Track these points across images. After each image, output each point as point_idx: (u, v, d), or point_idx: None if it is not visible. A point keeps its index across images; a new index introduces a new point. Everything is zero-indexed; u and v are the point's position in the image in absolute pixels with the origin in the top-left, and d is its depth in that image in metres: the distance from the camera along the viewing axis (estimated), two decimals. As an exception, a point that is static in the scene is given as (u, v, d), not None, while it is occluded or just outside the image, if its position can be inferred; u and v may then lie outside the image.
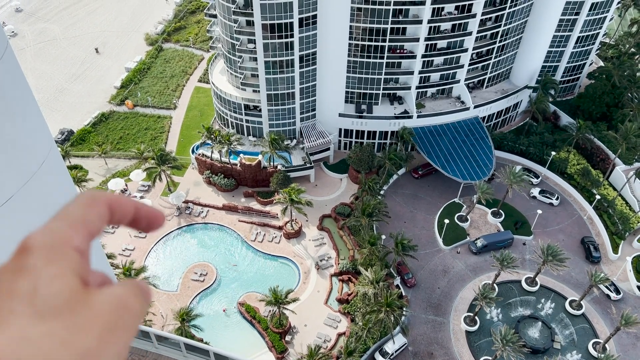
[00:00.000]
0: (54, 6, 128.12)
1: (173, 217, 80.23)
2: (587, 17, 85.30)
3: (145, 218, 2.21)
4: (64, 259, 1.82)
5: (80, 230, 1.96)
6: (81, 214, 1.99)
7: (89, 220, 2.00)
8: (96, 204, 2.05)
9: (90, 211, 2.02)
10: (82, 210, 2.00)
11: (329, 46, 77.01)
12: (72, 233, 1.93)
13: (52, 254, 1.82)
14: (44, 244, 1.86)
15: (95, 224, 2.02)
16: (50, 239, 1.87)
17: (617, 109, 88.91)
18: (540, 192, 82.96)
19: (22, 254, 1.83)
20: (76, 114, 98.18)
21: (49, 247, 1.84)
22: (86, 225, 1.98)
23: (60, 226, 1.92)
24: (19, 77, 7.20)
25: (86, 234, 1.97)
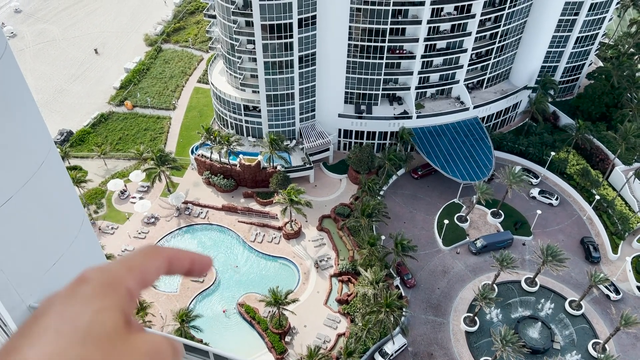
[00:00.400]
0: (53, 7, 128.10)
1: (172, 217, 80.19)
2: (586, 17, 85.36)
3: (199, 267, 2.38)
4: (114, 296, 1.97)
5: (136, 275, 2.11)
6: (140, 262, 2.16)
7: (147, 270, 2.15)
8: (157, 257, 2.21)
9: (150, 262, 2.18)
10: (142, 259, 2.17)
11: (328, 47, 77.01)
12: (128, 275, 2.08)
13: (105, 288, 1.98)
14: (100, 278, 2.01)
15: (151, 274, 2.17)
16: (107, 275, 2.03)
17: (617, 109, 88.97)
18: (539, 193, 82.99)
19: (78, 283, 1.98)
20: (75, 114, 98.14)
21: (104, 282, 1.99)
22: (142, 273, 2.14)
23: (119, 267, 2.09)
24: (18, 78, 7.18)
25: (140, 280, 2.12)
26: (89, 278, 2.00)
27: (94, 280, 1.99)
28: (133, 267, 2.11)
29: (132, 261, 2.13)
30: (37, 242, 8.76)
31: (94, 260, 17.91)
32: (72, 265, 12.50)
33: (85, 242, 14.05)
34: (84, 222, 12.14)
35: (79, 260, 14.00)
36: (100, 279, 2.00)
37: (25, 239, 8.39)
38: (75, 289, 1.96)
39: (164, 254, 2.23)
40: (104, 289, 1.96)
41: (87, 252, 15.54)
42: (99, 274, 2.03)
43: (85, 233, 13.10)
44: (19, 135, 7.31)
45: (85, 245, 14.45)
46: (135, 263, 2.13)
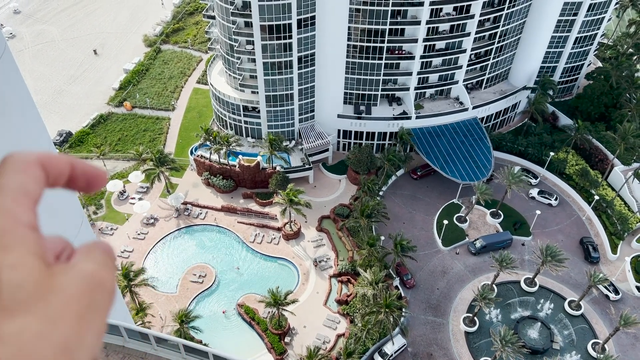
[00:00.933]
0: (52, 8, 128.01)
1: (172, 218, 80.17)
2: (585, 17, 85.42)
3: (83, 175, 1.97)
4: (19, 242, 1.63)
5: (24, 202, 1.74)
6: (19, 184, 1.76)
7: (29, 189, 1.77)
8: (29, 167, 1.80)
9: (26, 177, 1.78)
10: (18, 179, 1.76)
11: (327, 47, 77.02)
12: (18, 209, 1.71)
13: (4, 239, 1.62)
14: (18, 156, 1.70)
15: (35, 190, 1.79)
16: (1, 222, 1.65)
17: (616, 109, 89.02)
18: (539, 193, 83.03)
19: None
20: (74, 115, 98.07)
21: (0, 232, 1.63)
22: (28, 195, 1.75)
23: (4, 204, 1.70)
24: (17, 79, 7.17)
25: (31, 204, 1.76)
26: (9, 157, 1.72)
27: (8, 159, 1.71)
28: (16, 195, 1.73)
29: (10, 187, 1.73)
30: (36, 244, 8.73)
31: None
32: (71, 267, 12.41)
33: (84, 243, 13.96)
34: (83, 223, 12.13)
35: (78, 261, 13.93)
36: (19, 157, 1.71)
37: (25, 240, 8.36)
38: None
39: (34, 160, 1.82)
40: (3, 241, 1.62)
41: (86, 253, 15.46)
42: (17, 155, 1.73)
43: (85, 234, 13.08)
44: (17, 136, 7.30)
45: (85, 246, 14.42)
46: (15, 187, 1.73)
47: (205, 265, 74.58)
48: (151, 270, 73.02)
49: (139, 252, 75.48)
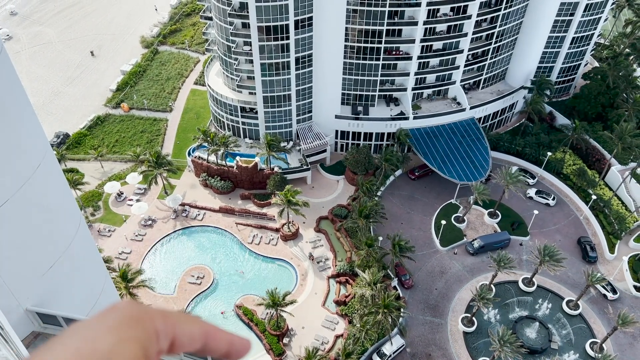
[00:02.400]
0: (49, 9, 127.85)
1: (169, 219, 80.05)
2: (581, 18, 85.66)
3: (236, 352, 2.26)
4: (140, 330, 1.96)
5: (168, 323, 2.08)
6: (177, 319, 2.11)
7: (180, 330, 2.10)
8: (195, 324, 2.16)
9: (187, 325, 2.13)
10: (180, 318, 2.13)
11: (324, 48, 77.06)
12: (160, 319, 2.05)
13: (134, 321, 1.97)
14: (131, 310, 2.02)
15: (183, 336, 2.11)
16: (139, 310, 2.03)
17: (612, 109, 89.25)
18: (536, 193, 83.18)
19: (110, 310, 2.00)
20: (72, 117, 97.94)
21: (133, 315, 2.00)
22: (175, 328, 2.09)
23: (154, 309, 2.09)
24: (13, 81, 7.15)
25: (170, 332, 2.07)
26: (121, 308, 2.02)
27: (124, 310, 2.00)
28: (168, 317, 2.09)
29: (170, 313, 2.12)
30: (34, 246, 8.73)
31: (91, 263, 17.86)
32: (69, 268, 12.48)
33: (82, 245, 14.00)
34: (80, 225, 12.10)
35: (76, 263, 13.97)
36: (131, 311, 2.01)
37: (22, 243, 8.35)
38: (104, 315, 1.97)
39: (204, 327, 2.18)
40: (132, 321, 1.96)
41: (84, 255, 15.49)
42: (132, 306, 2.04)
43: (82, 236, 13.06)
44: (14, 138, 7.28)
45: (82, 248, 14.42)
46: (173, 317, 2.11)
47: (203, 266, 74.49)
48: (149, 271, 72.91)
49: (137, 254, 75.36)
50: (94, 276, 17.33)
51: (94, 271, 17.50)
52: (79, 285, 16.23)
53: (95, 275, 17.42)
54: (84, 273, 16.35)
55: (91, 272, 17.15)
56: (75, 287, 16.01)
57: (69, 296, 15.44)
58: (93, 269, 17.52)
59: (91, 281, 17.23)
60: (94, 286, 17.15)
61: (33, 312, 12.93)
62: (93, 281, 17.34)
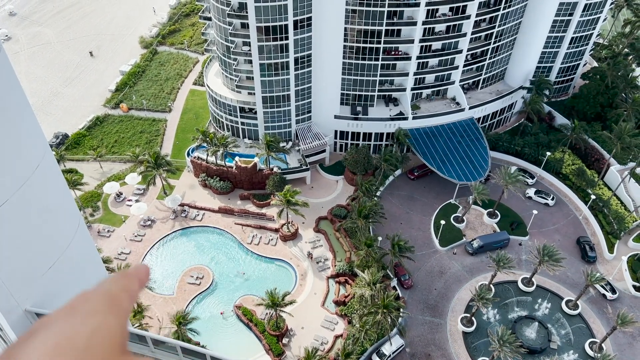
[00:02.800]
0: (47, 10, 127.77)
1: (169, 220, 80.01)
2: (580, 18, 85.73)
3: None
4: (115, 314, 2.03)
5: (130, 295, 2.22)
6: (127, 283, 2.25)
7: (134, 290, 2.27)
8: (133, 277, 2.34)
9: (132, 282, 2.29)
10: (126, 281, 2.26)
11: (324, 48, 77.06)
12: (125, 295, 2.16)
13: (106, 306, 2.03)
14: (100, 297, 2.08)
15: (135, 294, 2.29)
16: (108, 294, 2.10)
17: (611, 109, 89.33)
18: (535, 193, 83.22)
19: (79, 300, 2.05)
20: (71, 117, 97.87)
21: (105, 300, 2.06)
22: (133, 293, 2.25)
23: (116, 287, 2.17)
24: (12, 81, 7.15)
25: (132, 300, 2.23)
26: (90, 297, 2.04)
27: (94, 299, 2.03)
28: (126, 288, 2.17)
29: (122, 283, 2.20)
30: (33, 246, 8.72)
31: (91, 263, 17.85)
32: (68, 269, 12.46)
33: (82, 245, 13.98)
34: (79, 225, 12.08)
35: (76, 263, 13.96)
36: (101, 298, 2.04)
37: (21, 243, 8.34)
38: (76, 306, 1.98)
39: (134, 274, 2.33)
40: (104, 308, 2.00)
41: (83, 255, 15.48)
42: (99, 293, 2.07)
43: (82, 236, 13.04)
44: (13, 138, 7.27)
45: (82, 249, 14.40)
46: (126, 284, 2.20)
47: (203, 267, 74.46)
48: (148, 272, 72.73)
49: (136, 254, 75.32)
50: (93, 277, 17.33)
51: (93, 272, 17.50)
52: (78, 285, 16.23)
53: (94, 275, 17.42)
54: (83, 273, 16.35)
55: (90, 272, 17.15)
56: (75, 288, 15.99)
57: (68, 297, 15.37)
58: (92, 269, 17.51)
59: (90, 282, 17.20)
60: (93, 287, 17.10)
61: (32, 312, 12.92)
62: (92, 282, 17.30)
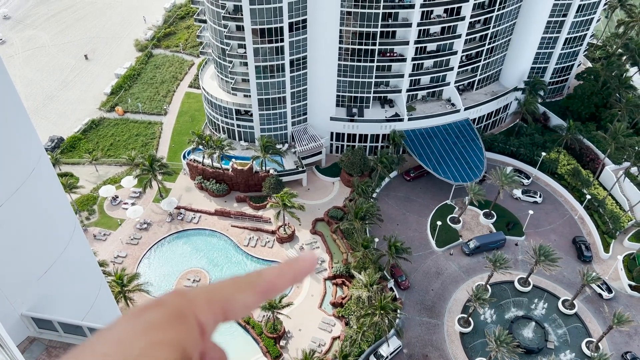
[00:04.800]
0: (42, 13, 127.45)
1: (165, 223, 79.84)
2: (574, 18, 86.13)
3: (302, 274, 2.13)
4: (179, 330, 1.78)
5: (216, 309, 1.90)
6: (228, 295, 1.93)
7: (233, 306, 1.94)
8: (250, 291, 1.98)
9: (241, 296, 1.95)
10: (231, 291, 1.94)
11: (319, 50, 77.15)
12: (206, 308, 1.87)
13: (173, 318, 1.79)
14: (174, 305, 1.83)
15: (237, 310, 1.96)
16: (183, 303, 1.84)
17: (606, 109, 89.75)
18: (523, 193, 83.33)
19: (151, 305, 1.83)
20: (66, 121, 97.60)
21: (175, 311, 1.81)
22: (226, 308, 1.93)
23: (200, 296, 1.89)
24: (7, 85, 7.15)
25: (220, 315, 1.92)
26: (165, 302, 1.83)
27: (166, 307, 1.81)
28: (215, 300, 1.90)
29: (218, 292, 1.92)
30: (29, 250, 8.71)
31: (87, 267, 17.80)
32: (64, 273, 12.43)
33: (78, 249, 13.95)
34: (75, 229, 12.05)
35: (72, 267, 13.92)
36: (174, 307, 1.81)
37: (17, 247, 8.33)
38: (144, 311, 1.80)
39: (261, 287, 1.97)
40: (171, 320, 1.77)
41: (79, 259, 15.44)
42: (177, 299, 1.84)
43: (78, 240, 13.00)
44: (9, 142, 7.27)
45: (78, 253, 14.37)
46: (222, 295, 1.91)
47: (199, 269, 74.34)
48: (145, 275, 72.64)
49: (133, 258, 75.13)
50: (90, 280, 17.27)
51: (89, 275, 17.44)
52: (74, 289, 16.17)
53: (90, 279, 17.36)
54: (80, 277, 16.29)
55: (87, 276, 17.09)
56: (71, 292, 15.95)
57: (65, 301, 15.38)
58: (88, 273, 17.46)
59: (87, 285, 17.17)
60: (89, 290, 17.09)
61: (28, 317, 12.87)
62: (89, 285, 17.28)
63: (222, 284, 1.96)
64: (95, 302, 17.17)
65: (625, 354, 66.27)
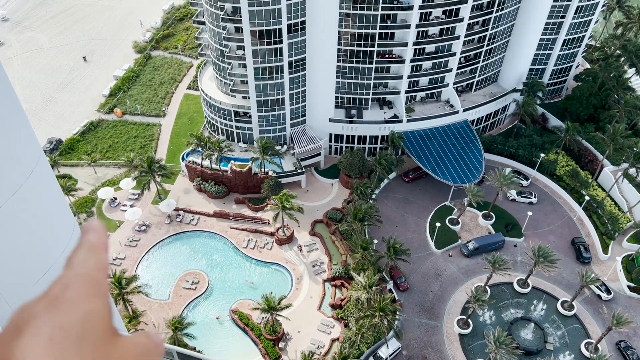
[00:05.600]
0: (40, 15, 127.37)
1: (164, 225, 79.74)
2: (572, 20, 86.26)
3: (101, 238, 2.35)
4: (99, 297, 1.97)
5: (105, 272, 2.15)
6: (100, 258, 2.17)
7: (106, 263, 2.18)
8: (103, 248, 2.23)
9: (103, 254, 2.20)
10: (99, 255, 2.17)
11: (318, 52, 77.18)
12: (102, 274, 2.11)
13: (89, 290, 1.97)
14: (80, 281, 2.00)
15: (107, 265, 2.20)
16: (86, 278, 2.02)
17: (604, 110, 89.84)
18: (518, 194, 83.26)
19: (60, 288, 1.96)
20: (64, 123, 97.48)
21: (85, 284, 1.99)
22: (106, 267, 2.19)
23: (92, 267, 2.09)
24: (6, 87, 7.10)
25: (107, 275, 2.18)
26: (68, 283, 1.96)
27: (75, 285, 1.95)
28: (99, 267, 2.10)
29: (92, 261, 2.11)
30: (27, 253, 8.64)
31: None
32: (62, 275, 12.27)
33: (76, 251, 13.83)
34: (74, 231, 12.02)
35: (70, 269, 13.79)
36: (81, 284, 1.97)
37: (15, 250, 8.27)
38: (56, 295, 1.91)
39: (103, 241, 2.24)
40: (87, 292, 1.94)
41: (77, 261, 15.31)
42: (78, 279, 1.99)
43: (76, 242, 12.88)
44: (7, 144, 7.23)
45: (76, 255, 14.30)
46: (97, 262, 2.11)
47: (198, 271, 74.22)
48: (143, 277, 72.51)
49: (131, 260, 74.99)
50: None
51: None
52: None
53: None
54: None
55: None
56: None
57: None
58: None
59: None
60: (88, 293, 16.99)
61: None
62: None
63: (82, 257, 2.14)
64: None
65: (619, 342, 66.50)
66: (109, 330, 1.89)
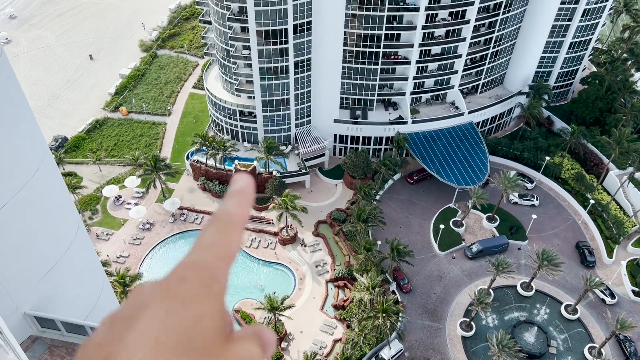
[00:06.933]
0: (47, 13, 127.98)
1: (168, 223, 79.92)
2: (579, 23, 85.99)
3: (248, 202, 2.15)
4: (212, 297, 1.81)
5: (227, 265, 1.94)
6: (226, 246, 1.95)
7: (233, 253, 1.97)
8: (236, 230, 2.00)
9: (233, 240, 1.98)
10: (226, 240, 1.96)
11: (323, 52, 77.22)
12: (222, 269, 1.91)
13: (204, 289, 1.81)
14: (198, 277, 1.83)
15: (235, 254, 1.98)
16: (205, 273, 1.85)
17: (610, 114, 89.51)
18: (520, 197, 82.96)
19: (176, 281, 1.81)
20: (70, 120, 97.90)
21: (202, 282, 1.82)
22: (231, 259, 1.96)
23: (212, 259, 1.90)
24: (13, 84, 7.16)
25: (229, 267, 1.95)
26: (187, 277, 1.82)
27: (192, 280, 1.81)
28: (222, 255, 1.92)
29: (218, 248, 1.93)
30: (33, 249, 8.71)
31: (90, 267, 17.81)
32: (67, 272, 12.45)
33: (81, 248, 13.95)
34: (79, 228, 12.06)
35: (75, 266, 13.93)
36: (199, 278, 1.82)
37: (21, 246, 8.33)
38: (172, 288, 1.78)
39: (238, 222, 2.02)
40: (203, 290, 1.79)
41: (82, 258, 15.45)
42: (197, 271, 1.84)
43: (81, 239, 13.01)
44: (14, 142, 7.28)
45: (81, 252, 14.38)
46: (222, 249, 1.93)
47: (202, 270, 74.26)
48: (147, 275, 72.71)
49: (135, 258, 75.22)
50: (92, 280, 17.28)
51: (92, 275, 17.45)
52: (77, 288, 16.18)
53: (93, 279, 17.37)
54: (82, 277, 16.30)
55: (89, 275, 17.10)
56: (74, 291, 15.95)
57: (67, 300, 15.38)
58: (91, 272, 17.47)
59: (89, 285, 17.17)
60: (92, 290, 17.09)
61: (31, 316, 12.88)
62: (91, 285, 17.28)
63: (211, 239, 1.96)
64: (97, 302, 17.17)
65: (617, 334, 66.19)
66: (219, 337, 1.74)
